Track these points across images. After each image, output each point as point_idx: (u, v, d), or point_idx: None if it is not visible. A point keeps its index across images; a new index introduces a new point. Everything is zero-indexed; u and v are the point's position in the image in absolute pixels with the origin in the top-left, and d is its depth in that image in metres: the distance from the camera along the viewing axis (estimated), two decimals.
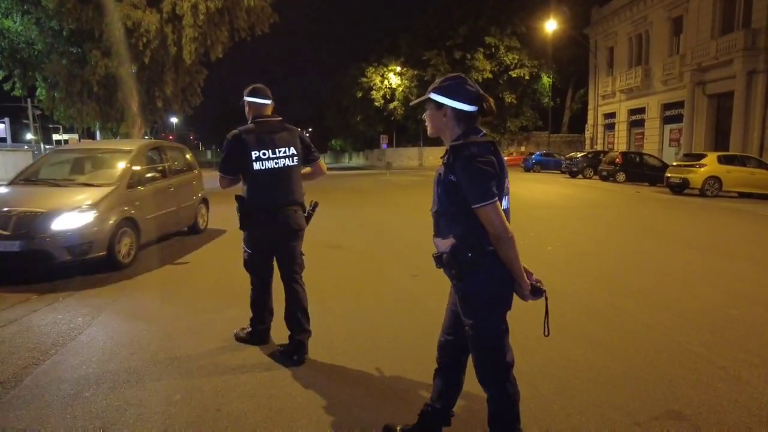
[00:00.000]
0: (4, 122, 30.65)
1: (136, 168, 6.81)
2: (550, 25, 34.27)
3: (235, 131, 3.43)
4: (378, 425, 2.68)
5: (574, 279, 5.81)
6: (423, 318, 4.44)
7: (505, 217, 2.04)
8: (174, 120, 57.57)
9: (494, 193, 2.00)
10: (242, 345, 3.82)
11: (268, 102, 3.53)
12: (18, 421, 2.78)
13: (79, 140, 25.09)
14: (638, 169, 22.60)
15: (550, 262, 6.66)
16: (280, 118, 3.57)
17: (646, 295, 5.15)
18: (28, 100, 33.23)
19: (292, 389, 3.12)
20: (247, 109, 3.55)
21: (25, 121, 36.33)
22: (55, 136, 39.57)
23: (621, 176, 22.55)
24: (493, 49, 40.77)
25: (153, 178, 7.07)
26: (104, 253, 5.90)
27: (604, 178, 23.50)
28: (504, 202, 2.10)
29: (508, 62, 41.02)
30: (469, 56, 40.79)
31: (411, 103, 2.34)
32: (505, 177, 2.12)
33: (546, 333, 2.30)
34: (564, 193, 17.37)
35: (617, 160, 23.01)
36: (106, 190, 6.21)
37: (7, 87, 18.25)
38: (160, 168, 7.58)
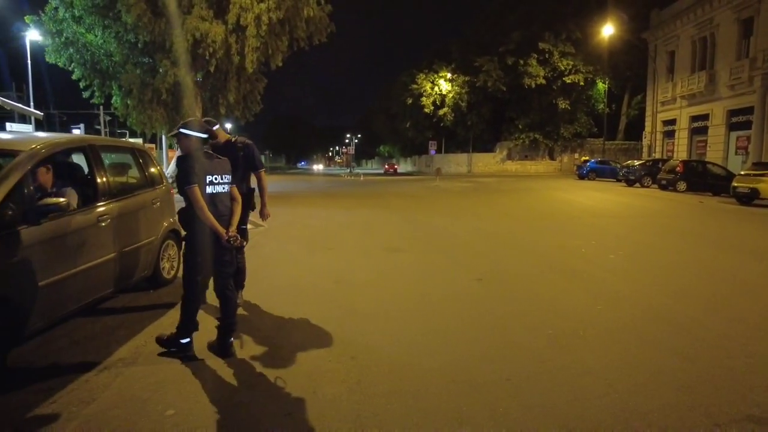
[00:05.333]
0: (79, 128, 32.94)
1: (18, 189, 3.58)
2: (607, 30, 33.42)
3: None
4: (449, 414, 2.88)
5: (642, 288, 5.79)
6: (495, 320, 4.59)
7: (198, 195, 3.54)
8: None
9: (189, 182, 3.53)
10: (332, 334, 4.10)
11: None
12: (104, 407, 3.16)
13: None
14: (701, 179, 21.67)
15: (614, 270, 6.63)
16: None
17: (717, 305, 5.09)
18: (101, 107, 35.49)
19: (378, 376, 3.36)
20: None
21: (96, 126, 38.86)
22: None
23: (682, 185, 21.69)
24: (546, 55, 40.14)
25: (57, 207, 3.72)
26: None
27: (663, 187, 22.69)
28: (209, 188, 3.65)
29: (563, 68, 40.26)
30: (522, 62, 40.34)
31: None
32: (209, 174, 3.65)
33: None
34: (623, 202, 16.95)
35: (678, 168, 22.15)
36: None
37: (86, 95, 19.67)
38: (85, 185, 4.54)
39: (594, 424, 2.78)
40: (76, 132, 33.49)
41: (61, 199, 3.79)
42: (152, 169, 5.79)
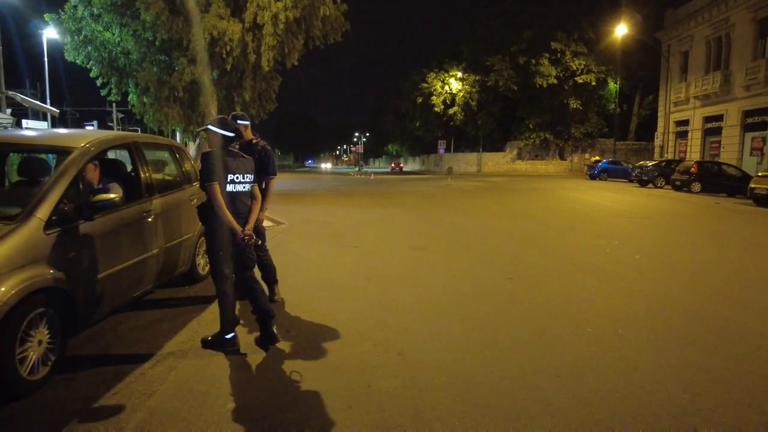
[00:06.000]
0: (92, 125, 33.24)
1: (73, 186, 3.62)
2: (620, 30, 33.24)
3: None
4: (504, 408, 2.93)
5: (672, 287, 5.80)
6: (533, 318, 4.64)
7: (217, 193, 3.61)
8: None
9: (210, 179, 3.62)
10: (375, 330, 4.15)
11: None
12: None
13: None
14: (715, 179, 21.60)
15: (642, 270, 6.65)
16: None
17: (751, 305, 5.11)
18: (113, 104, 35.78)
19: (428, 371, 3.41)
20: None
21: (109, 124, 39.17)
22: None
23: (696, 186, 21.62)
24: (558, 55, 40.00)
25: (111, 203, 3.80)
26: None
27: (677, 188, 22.59)
28: (229, 187, 3.73)
29: (575, 68, 40.10)
30: (533, 61, 40.22)
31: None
32: (230, 173, 3.73)
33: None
34: (639, 202, 16.90)
35: (692, 169, 22.07)
36: None
37: (104, 93, 19.82)
38: (129, 182, 4.61)
39: (650, 420, 2.82)
40: (89, 128, 33.79)
41: (112, 195, 3.87)
42: (188, 167, 5.86)
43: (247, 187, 3.88)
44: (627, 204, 16.39)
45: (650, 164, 27.00)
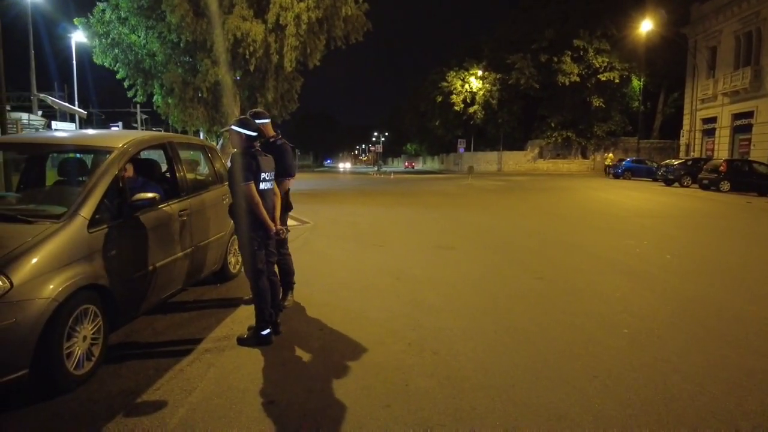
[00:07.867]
0: (118, 126, 33.93)
1: (113, 186, 3.70)
2: (645, 26, 32.59)
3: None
4: (544, 408, 2.90)
5: (708, 289, 5.68)
6: (567, 318, 4.58)
7: (254, 192, 3.80)
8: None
9: (247, 178, 3.78)
10: (408, 329, 4.15)
11: None
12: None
13: None
14: (746, 178, 21.09)
15: (674, 270, 6.52)
16: None
17: None
18: (137, 106, 36.46)
19: (464, 371, 3.40)
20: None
21: (134, 124, 39.91)
22: None
23: (725, 185, 21.12)
24: (581, 52, 39.38)
25: (151, 202, 3.85)
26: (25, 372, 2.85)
27: (705, 187, 22.09)
28: (261, 185, 3.89)
29: (597, 65, 39.44)
30: (555, 59, 39.68)
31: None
32: (262, 172, 3.89)
33: None
34: (666, 202, 16.57)
35: (721, 168, 21.58)
36: (40, 232, 3.12)
37: (130, 94, 20.23)
38: (164, 181, 4.77)
39: (695, 423, 2.76)
40: (114, 129, 34.48)
41: (150, 194, 3.93)
42: (219, 166, 5.93)
43: (272, 184, 4.13)
44: (654, 203, 16.09)
45: (676, 163, 26.46)
